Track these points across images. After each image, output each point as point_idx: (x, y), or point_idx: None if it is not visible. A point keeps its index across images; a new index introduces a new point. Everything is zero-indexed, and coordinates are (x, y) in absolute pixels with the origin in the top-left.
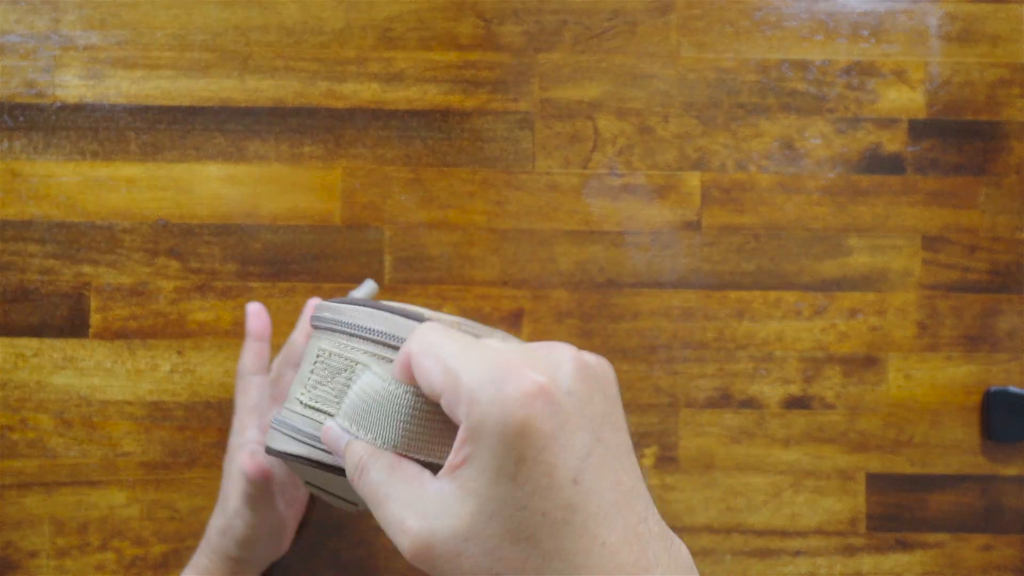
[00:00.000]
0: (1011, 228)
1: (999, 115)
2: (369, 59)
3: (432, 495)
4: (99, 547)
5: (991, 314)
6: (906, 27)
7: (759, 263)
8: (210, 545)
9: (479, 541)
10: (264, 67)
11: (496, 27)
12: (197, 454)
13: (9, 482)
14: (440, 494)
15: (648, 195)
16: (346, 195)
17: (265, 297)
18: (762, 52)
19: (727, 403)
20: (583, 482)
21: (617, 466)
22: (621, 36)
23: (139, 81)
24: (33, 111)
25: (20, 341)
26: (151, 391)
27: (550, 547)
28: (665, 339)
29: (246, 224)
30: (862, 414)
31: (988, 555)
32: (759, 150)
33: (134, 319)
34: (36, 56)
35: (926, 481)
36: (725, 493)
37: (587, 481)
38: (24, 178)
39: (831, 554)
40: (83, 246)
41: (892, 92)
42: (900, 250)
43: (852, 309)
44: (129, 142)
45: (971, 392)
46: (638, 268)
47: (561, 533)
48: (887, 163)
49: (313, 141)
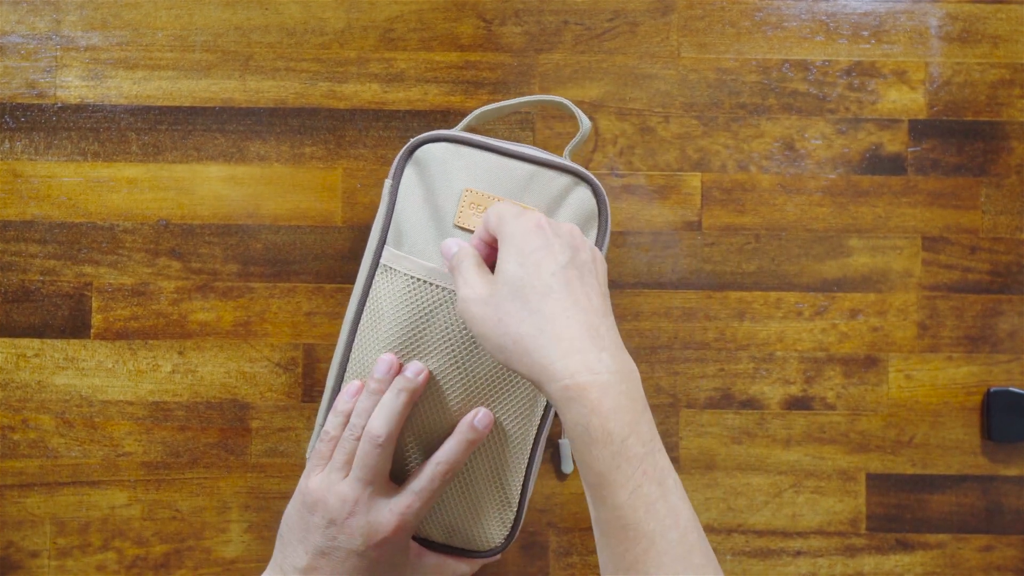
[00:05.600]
0: (1012, 228)
1: (999, 115)
2: (370, 60)
3: (478, 279)
4: (100, 547)
5: (992, 315)
6: (907, 28)
7: (760, 263)
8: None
9: (493, 299)
10: (265, 68)
11: (497, 28)
12: (198, 454)
13: (10, 482)
14: (483, 277)
15: (649, 195)
16: (347, 195)
17: (266, 297)
18: (763, 52)
19: (728, 403)
20: (558, 276)
21: (585, 279)
22: (622, 36)
23: (140, 82)
24: (34, 112)
25: (21, 341)
26: (152, 391)
27: (534, 305)
28: (666, 339)
29: (247, 224)
30: (863, 415)
31: (988, 555)
32: (760, 150)
33: (135, 319)
34: (37, 57)
35: (927, 481)
36: (726, 493)
37: (560, 276)
38: (25, 179)
39: (832, 554)
40: (84, 246)
41: (893, 93)
42: (901, 251)
43: (853, 310)
44: (130, 143)
45: (972, 392)
46: (639, 268)
47: (542, 299)
48: (888, 164)
49: (314, 141)
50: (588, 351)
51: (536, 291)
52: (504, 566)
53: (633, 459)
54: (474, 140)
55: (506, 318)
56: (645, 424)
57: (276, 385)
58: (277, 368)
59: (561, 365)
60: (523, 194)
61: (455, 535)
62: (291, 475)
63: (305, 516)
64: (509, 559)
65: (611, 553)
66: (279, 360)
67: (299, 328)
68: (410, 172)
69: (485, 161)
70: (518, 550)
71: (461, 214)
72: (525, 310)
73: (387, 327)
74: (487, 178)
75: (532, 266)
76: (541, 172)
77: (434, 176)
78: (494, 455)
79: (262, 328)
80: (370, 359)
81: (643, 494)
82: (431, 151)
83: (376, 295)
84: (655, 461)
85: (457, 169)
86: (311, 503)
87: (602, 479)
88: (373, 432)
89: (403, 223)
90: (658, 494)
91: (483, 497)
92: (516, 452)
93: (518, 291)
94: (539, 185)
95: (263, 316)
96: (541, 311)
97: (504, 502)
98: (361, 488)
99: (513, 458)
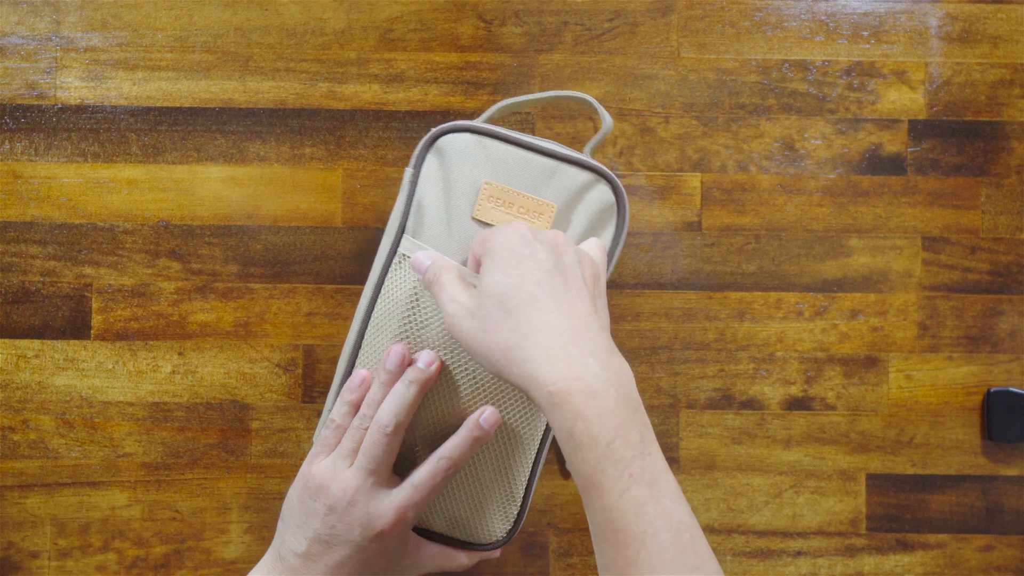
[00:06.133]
0: (1012, 228)
1: (1000, 115)
2: (370, 60)
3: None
4: (100, 548)
5: (992, 315)
6: (907, 28)
7: (760, 264)
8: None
9: (480, 310)
10: (265, 68)
11: (497, 28)
12: (198, 455)
13: (11, 483)
14: (466, 289)
15: (649, 196)
16: (347, 196)
17: (266, 298)
18: (763, 53)
19: (728, 404)
20: (543, 284)
21: (571, 284)
22: (622, 37)
23: (140, 82)
24: (34, 113)
25: (22, 342)
26: (152, 392)
27: (520, 316)
28: (666, 340)
29: (247, 225)
30: (863, 415)
31: (989, 555)
32: (760, 151)
33: (135, 320)
34: (37, 58)
35: (927, 482)
36: (726, 494)
37: (546, 284)
38: (25, 180)
39: (832, 555)
40: (84, 247)
41: (893, 93)
42: (901, 251)
43: (853, 310)
44: (130, 143)
45: (972, 393)
46: (639, 268)
47: (528, 307)
48: (888, 164)
49: (314, 142)
50: (573, 358)
51: (521, 300)
52: (504, 566)
53: (619, 462)
54: (497, 132)
55: (492, 329)
56: (635, 426)
57: (276, 386)
58: (277, 369)
59: (546, 371)
60: (543, 189)
61: (458, 527)
62: (291, 476)
63: (306, 501)
64: (509, 559)
65: (604, 556)
66: (279, 361)
67: (299, 329)
68: (431, 161)
69: (507, 154)
70: (518, 550)
71: (480, 207)
72: (511, 320)
73: (401, 315)
74: (508, 171)
75: (516, 276)
76: (562, 168)
77: (455, 166)
78: (502, 450)
79: (262, 329)
80: (382, 346)
81: (631, 497)
82: (454, 141)
83: (392, 283)
84: (644, 464)
85: (479, 160)
86: (313, 488)
87: (589, 482)
88: (382, 421)
89: (423, 212)
90: (647, 496)
91: (488, 491)
92: (524, 448)
93: (503, 302)
94: (559, 181)
95: (263, 317)
96: (527, 321)
97: (509, 497)
98: (364, 477)
99: (520, 454)
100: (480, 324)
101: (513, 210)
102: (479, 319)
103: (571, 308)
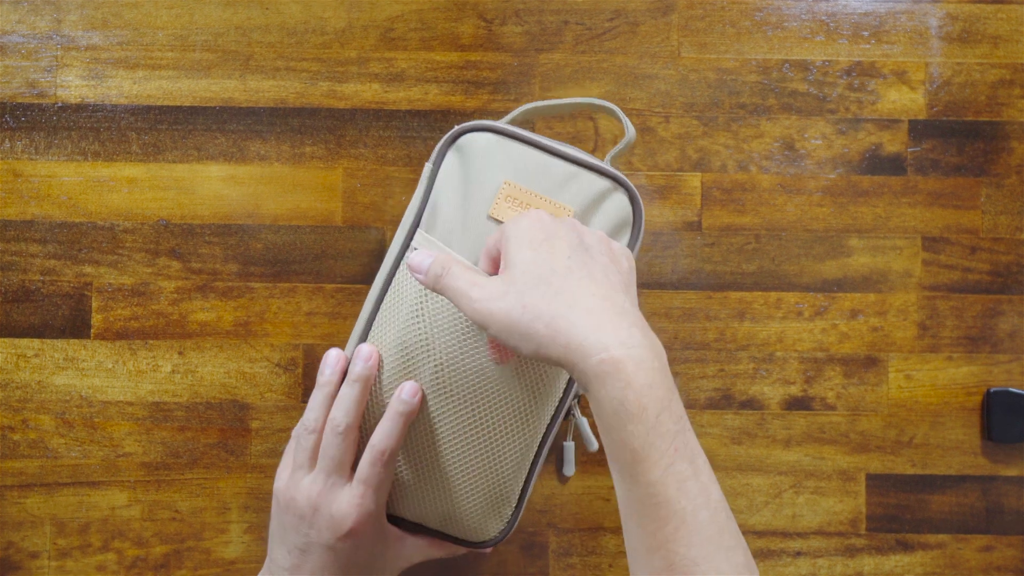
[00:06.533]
0: (1012, 229)
1: (1000, 116)
2: (370, 59)
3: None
4: (100, 548)
5: (992, 315)
6: (907, 28)
7: (760, 264)
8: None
9: (515, 287)
10: (265, 67)
11: (497, 27)
12: (198, 455)
13: (10, 483)
14: (489, 279)
15: (649, 195)
16: (347, 195)
17: (266, 297)
18: (763, 52)
19: (728, 404)
20: (573, 258)
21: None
22: (622, 36)
23: (140, 81)
24: (35, 111)
25: (21, 341)
26: (152, 392)
27: (557, 285)
28: (666, 340)
29: (247, 224)
30: (863, 415)
31: (989, 556)
32: (760, 151)
33: (135, 319)
34: (38, 56)
35: (927, 482)
36: (726, 493)
37: (576, 258)
38: (25, 178)
39: (832, 555)
40: (84, 246)
41: (893, 93)
42: (901, 251)
43: (853, 310)
44: (130, 142)
45: (972, 393)
46: (639, 268)
47: (564, 278)
48: (888, 164)
49: (314, 141)
50: (619, 325)
51: (557, 273)
52: (504, 566)
53: (666, 435)
54: (519, 134)
55: (531, 302)
56: (676, 401)
57: (276, 385)
58: (277, 368)
59: (595, 339)
60: (561, 192)
61: (450, 524)
62: None
63: (280, 516)
64: (509, 559)
65: (642, 532)
66: (279, 360)
67: (299, 328)
68: (452, 158)
69: (528, 156)
70: (518, 550)
71: (496, 206)
72: (551, 289)
73: (408, 310)
74: (528, 173)
75: (546, 251)
76: (582, 173)
77: (475, 165)
78: (501, 450)
79: (262, 328)
80: (389, 338)
81: (676, 471)
82: (475, 140)
83: (402, 277)
84: (686, 439)
85: (499, 161)
86: (283, 503)
87: (636, 456)
88: (334, 421)
89: (439, 208)
90: (690, 472)
91: (484, 491)
92: (522, 450)
93: (538, 276)
94: (578, 186)
95: (263, 316)
96: (568, 289)
97: (504, 498)
98: (324, 479)
99: (519, 456)
100: (517, 300)
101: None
102: (515, 295)
103: (605, 279)
